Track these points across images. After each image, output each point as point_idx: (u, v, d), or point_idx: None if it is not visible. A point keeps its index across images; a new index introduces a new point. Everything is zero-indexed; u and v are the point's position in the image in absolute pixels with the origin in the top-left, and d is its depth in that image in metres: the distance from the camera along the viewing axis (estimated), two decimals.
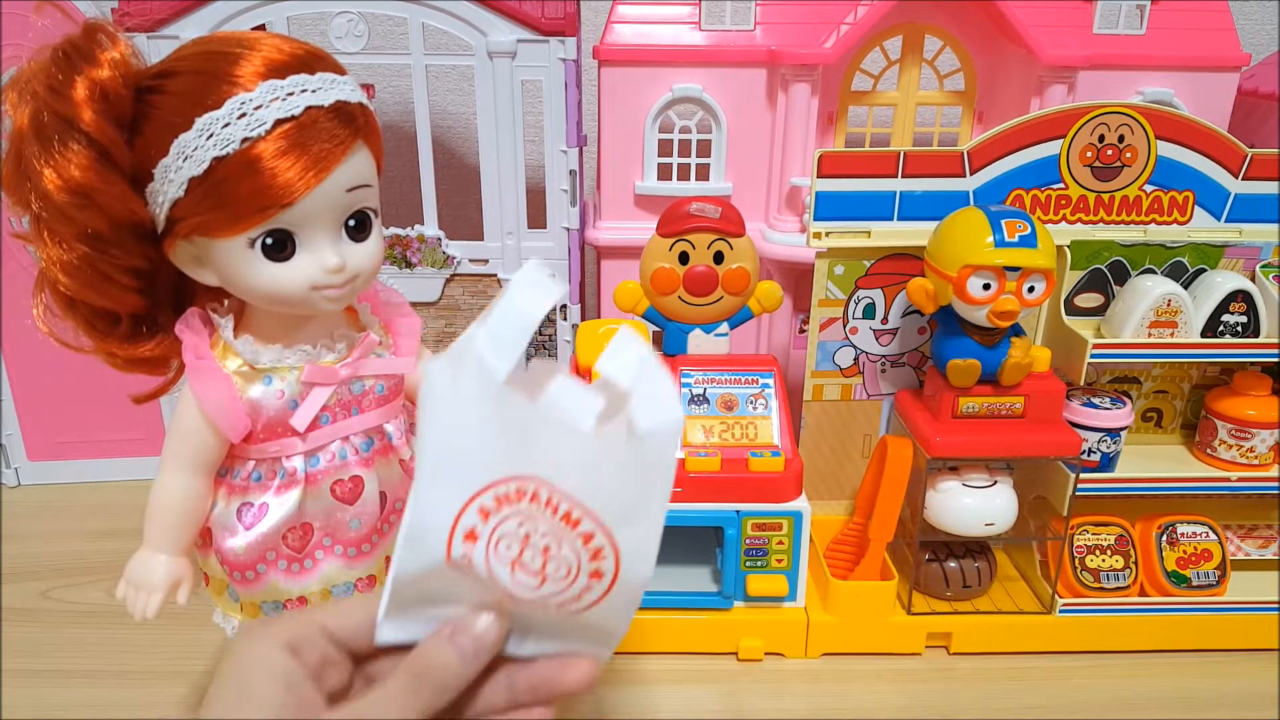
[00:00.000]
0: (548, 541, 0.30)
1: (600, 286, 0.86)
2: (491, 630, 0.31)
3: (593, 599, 0.31)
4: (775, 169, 0.81)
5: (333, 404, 0.48)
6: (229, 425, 0.46)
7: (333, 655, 0.32)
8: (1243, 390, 0.64)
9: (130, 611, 0.48)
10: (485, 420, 0.29)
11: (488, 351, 0.29)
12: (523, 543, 0.30)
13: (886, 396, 0.70)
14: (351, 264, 0.45)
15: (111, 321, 0.46)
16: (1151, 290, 0.62)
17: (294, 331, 0.48)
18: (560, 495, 0.30)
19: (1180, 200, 0.64)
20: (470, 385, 0.29)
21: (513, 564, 0.30)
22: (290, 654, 0.30)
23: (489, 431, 0.29)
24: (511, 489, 0.30)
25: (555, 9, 0.73)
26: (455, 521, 0.30)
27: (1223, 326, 0.63)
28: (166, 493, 0.48)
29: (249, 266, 0.44)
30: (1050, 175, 0.63)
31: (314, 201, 0.43)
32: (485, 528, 0.30)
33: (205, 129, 0.41)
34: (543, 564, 0.30)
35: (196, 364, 0.46)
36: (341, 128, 0.43)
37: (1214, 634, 0.64)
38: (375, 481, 0.50)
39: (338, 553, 0.49)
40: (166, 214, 0.43)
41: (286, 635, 0.31)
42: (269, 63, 0.42)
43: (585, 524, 0.30)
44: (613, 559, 0.30)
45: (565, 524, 0.30)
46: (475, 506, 0.30)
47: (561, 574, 0.30)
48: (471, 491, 0.30)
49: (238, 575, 0.48)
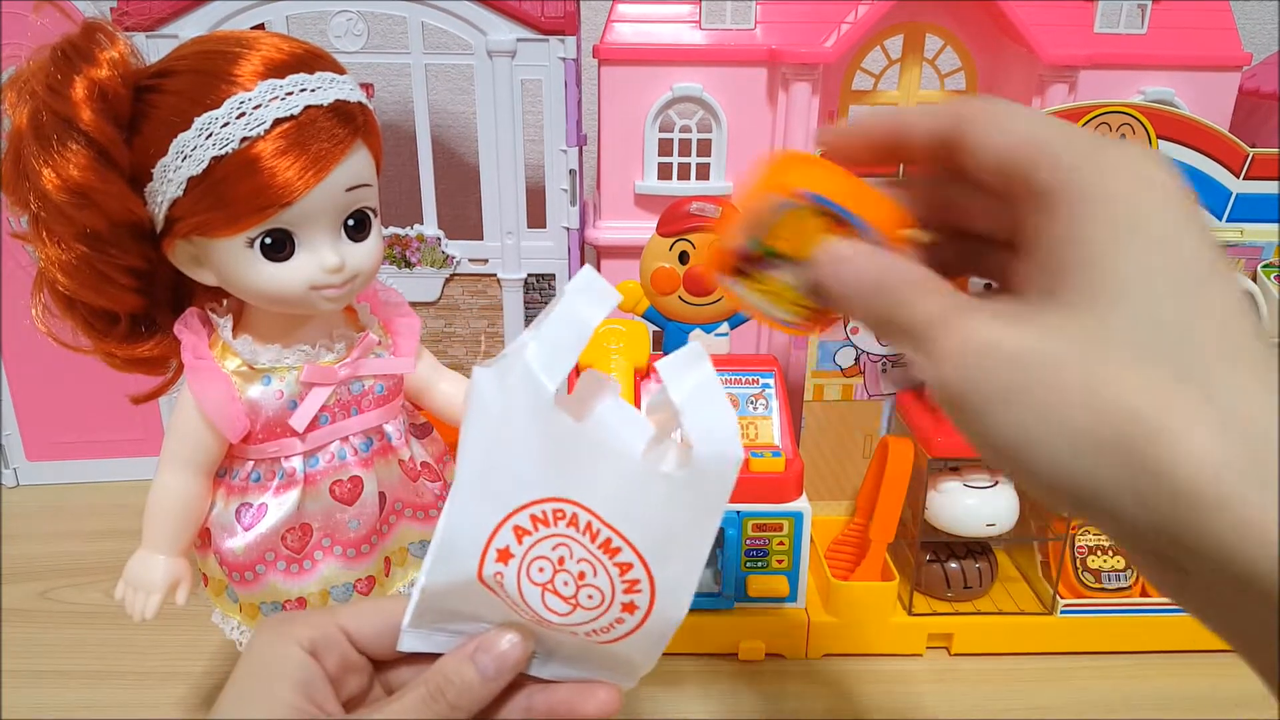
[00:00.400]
0: (583, 568, 0.29)
1: None
2: (515, 651, 0.31)
3: (623, 631, 0.30)
4: None
5: (332, 404, 0.48)
6: (228, 425, 0.46)
7: (353, 659, 0.31)
8: None
9: (129, 612, 0.48)
10: (529, 437, 0.28)
11: (537, 364, 0.28)
12: (556, 566, 0.29)
13: (888, 396, 0.69)
14: (351, 264, 0.45)
15: (110, 321, 0.46)
16: None
17: (293, 331, 0.48)
18: (600, 522, 0.28)
19: None
20: (517, 399, 0.28)
21: (544, 587, 0.29)
22: (311, 655, 0.30)
23: (532, 449, 0.28)
24: (549, 510, 0.29)
25: (555, 8, 0.73)
26: (489, 539, 0.29)
27: None
28: (165, 493, 0.48)
29: (248, 266, 0.44)
30: None
31: (313, 201, 0.43)
32: (520, 548, 0.29)
33: (204, 128, 0.41)
34: (575, 590, 0.29)
35: (195, 364, 0.46)
36: (340, 127, 0.43)
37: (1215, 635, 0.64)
38: (374, 482, 0.49)
39: (337, 553, 0.49)
40: (165, 214, 0.43)
41: (309, 635, 0.30)
42: (268, 62, 0.42)
43: (624, 554, 0.29)
44: (648, 593, 0.29)
45: (603, 552, 0.29)
46: (510, 525, 0.29)
47: (594, 603, 0.29)
48: (508, 510, 0.29)
49: (236, 576, 0.48)
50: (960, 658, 0.64)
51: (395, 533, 0.52)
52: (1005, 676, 0.62)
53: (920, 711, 0.59)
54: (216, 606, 0.52)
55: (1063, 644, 0.64)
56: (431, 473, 0.53)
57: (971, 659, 0.63)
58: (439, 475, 0.54)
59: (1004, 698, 0.60)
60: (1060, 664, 0.63)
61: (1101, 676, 0.62)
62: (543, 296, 0.82)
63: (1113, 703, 0.60)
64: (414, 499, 0.52)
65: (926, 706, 0.60)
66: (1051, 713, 0.59)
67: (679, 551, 0.29)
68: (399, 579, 0.53)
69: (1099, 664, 0.63)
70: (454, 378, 0.55)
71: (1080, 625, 0.63)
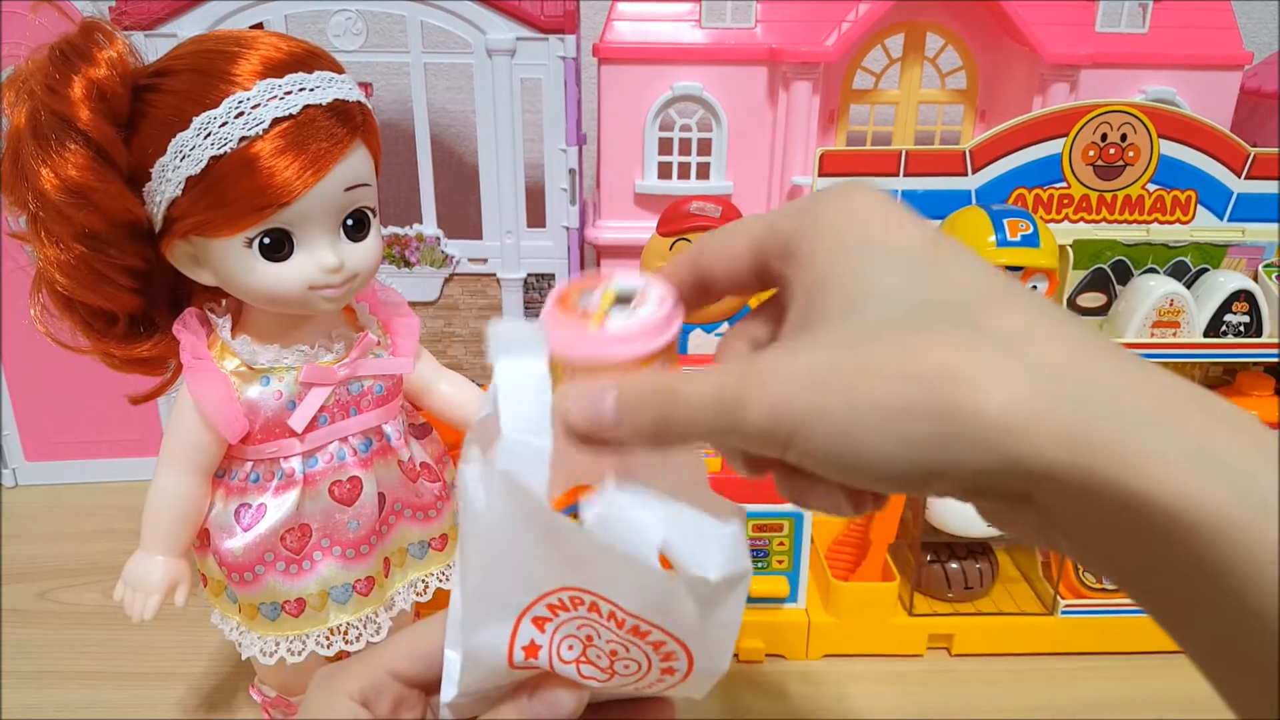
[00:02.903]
0: (614, 647, 0.27)
1: None
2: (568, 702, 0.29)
3: (667, 686, 0.29)
4: (776, 168, 0.80)
5: (331, 404, 0.48)
6: (226, 426, 0.46)
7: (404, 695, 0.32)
8: (1245, 390, 0.63)
9: (128, 613, 0.48)
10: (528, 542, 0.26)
11: (515, 467, 0.25)
12: (585, 644, 0.27)
13: None
14: (350, 263, 0.45)
15: (109, 321, 0.46)
16: (1154, 290, 0.61)
17: (292, 331, 0.47)
18: (624, 612, 0.26)
19: (1183, 199, 0.63)
20: (508, 506, 0.25)
21: (577, 663, 0.28)
22: (363, 704, 0.30)
23: (535, 551, 0.26)
24: (567, 598, 0.26)
25: (555, 7, 0.72)
26: (511, 642, 0.27)
27: (1225, 326, 0.62)
28: (164, 494, 0.47)
29: (246, 266, 0.43)
30: (1052, 174, 0.62)
31: (312, 201, 0.42)
32: (544, 636, 0.27)
33: (203, 128, 0.40)
34: (610, 664, 0.28)
35: (194, 364, 0.45)
36: (339, 126, 0.43)
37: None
38: (373, 483, 0.49)
39: (336, 554, 0.49)
40: (164, 213, 0.42)
41: (358, 686, 0.30)
42: (267, 61, 0.42)
43: (654, 635, 0.27)
44: (685, 659, 0.27)
45: (632, 635, 0.27)
46: (529, 618, 0.27)
47: (631, 671, 0.28)
48: (519, 611, 0.27)
49: (235, 576, 0.48)
50: (961, 658, 0.63)
51: (394, 533, 0.52)
52: (1006, 677, 0.62)
53: (920, 712, 0.59)
54: (215, 607, 0.52)
55: (1063, 644, 0.64)
56: (431, 473, 0.53)
57: (972, 659, 0.63)
58: (438, 475, 0.53)
59: (1004, 698, 0.60)
60: (1061, 664, 0.63)
61: (1102, 677, 0.62)
62: (542, 296, 0.81)
63: (1113, 703, 0.60)
64: (413, 499, 0.52)
65: (926, 707, 0.59)
66: (1051, 713, 0.59)
67: (714, 630, 0.27)
68: (398, 579, 0.53)
69: (1100, 664, 0.63)
70: (454, 378, 0.55)
71: (1081, 626, 0.63)
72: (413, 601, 0.53)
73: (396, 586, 0.53)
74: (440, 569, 0.55)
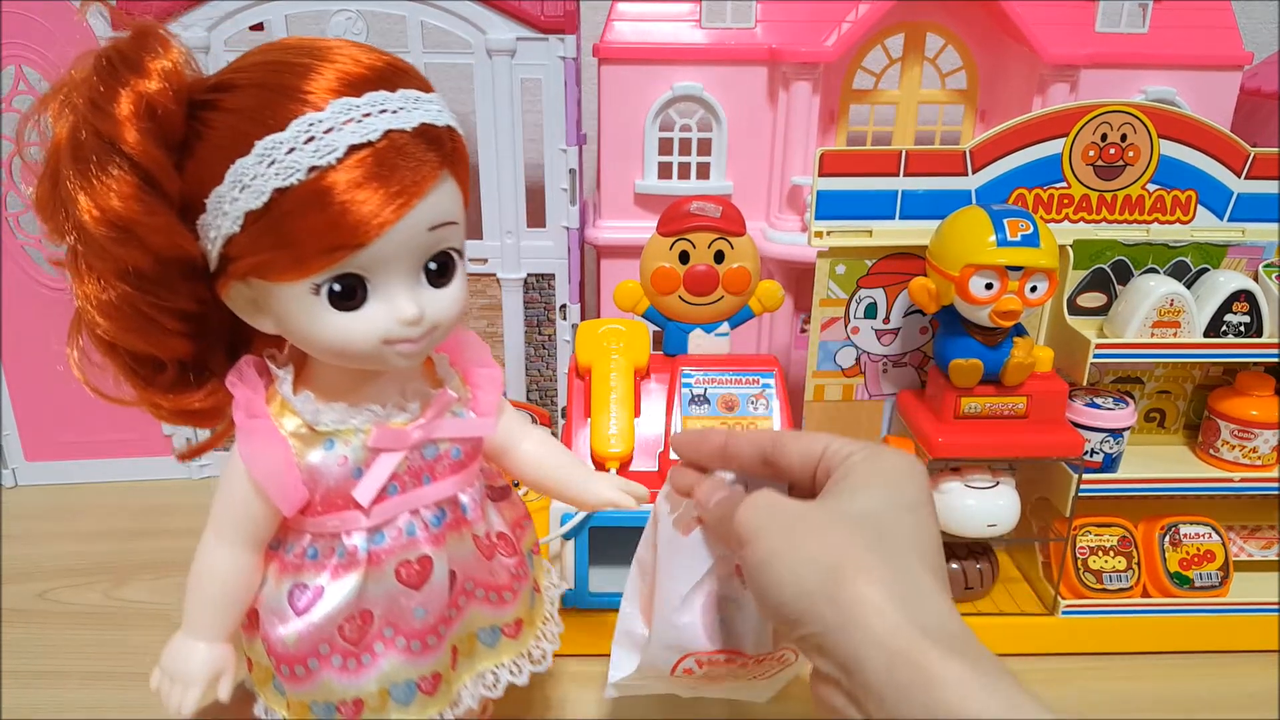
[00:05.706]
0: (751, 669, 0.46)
1: (600, 286, 0.85)
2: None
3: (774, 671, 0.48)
4: (776, 168, 0.80)
5: (402, 472, 0.42)
6: (282, 496, 0.40)
7: None
8: (1245, 390, 0.63)
9: (164, 705, 0.42)
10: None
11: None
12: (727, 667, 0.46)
13: (888, 397, 0.69)
14: (430, 314, 0.39)
15: (155, 368, 0.41)
16: (1154, 290, 0.61)
17: (361, 388, 0.42)
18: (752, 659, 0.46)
19: (1183, 199, 0.63)
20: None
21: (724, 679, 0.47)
22: None
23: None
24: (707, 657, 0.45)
25: (555, 7, 0.72)
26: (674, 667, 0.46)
27: (1225, 326, 0.62)
28: (209, 570, 0.42)
29: (312, 315, 0.38)
30: (1052, 174, 0.62)
31: (391, 242, 0.37)
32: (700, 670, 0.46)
33: (266, 154, 0.35)
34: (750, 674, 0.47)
35: (248, 424, 0.40)
36: (426, 155, 0.37)
37: (1216, 635, 0.64)
38: (445, 562, 0.43)
39: (399, 645, 0.42)
40: (220, 251, 0.37)
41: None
42: (343, 76, 0.36)
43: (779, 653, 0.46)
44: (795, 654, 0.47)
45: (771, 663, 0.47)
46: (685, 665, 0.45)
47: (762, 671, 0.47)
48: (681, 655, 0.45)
49: (285, 670, 0.42)
50: None
51: (464, 617, 0.45)
52: None
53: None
54: (261, 697, 0.45)
55: (1064, 644, 0.64)
56: (508, 545, 0.47)
57: None
58: (515, 548, 0.47)
59: None
60: (1061, 664, 0.63)
61: (1102, 677, 0.62)
62: (542, 296, 0.81)
63: (1113, 703, 0.60)
64: (487, 578, 0.46)
65: None
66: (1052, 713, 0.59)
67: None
68: (465, 671, 0.46)
69: (1100, 664, 0.63)
70: (538, 436, 0.49)
71: (1081, 626, 0.63)
72: (480, 698, 0.47)
73: (464, 680, 0.46)
74: (512, 659, 0.48)
